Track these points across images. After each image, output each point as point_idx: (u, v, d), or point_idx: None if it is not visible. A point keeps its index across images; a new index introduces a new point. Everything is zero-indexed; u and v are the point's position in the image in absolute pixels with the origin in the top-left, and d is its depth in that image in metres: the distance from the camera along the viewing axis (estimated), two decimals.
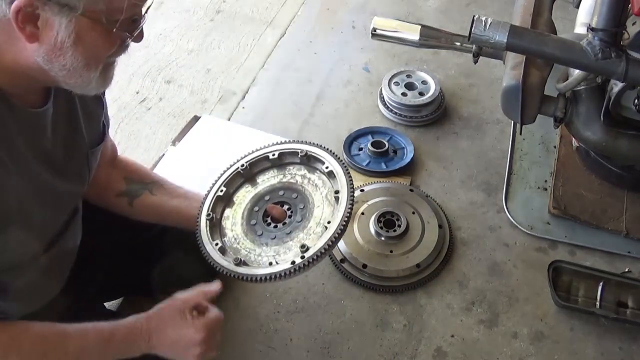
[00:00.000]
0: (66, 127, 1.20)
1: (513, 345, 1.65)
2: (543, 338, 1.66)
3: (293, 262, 1.31)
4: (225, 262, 1.36)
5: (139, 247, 1.53)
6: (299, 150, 1.51)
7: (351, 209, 1.38)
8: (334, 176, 1.45)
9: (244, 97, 2.35)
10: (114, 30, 1.01)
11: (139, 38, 1.08)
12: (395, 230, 1.81)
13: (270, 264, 1.35)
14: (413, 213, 1.86)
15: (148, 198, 1.49)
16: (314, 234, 1.39)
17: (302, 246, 1.33)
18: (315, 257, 1.32)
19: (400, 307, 1.73)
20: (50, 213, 1.20)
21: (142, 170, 1.57)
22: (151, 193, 1.50)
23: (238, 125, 2.16)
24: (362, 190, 1.91)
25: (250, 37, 2.62)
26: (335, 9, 2.72)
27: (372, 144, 2.07)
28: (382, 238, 1.80)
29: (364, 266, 1.74)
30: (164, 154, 2.00)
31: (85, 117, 1.24)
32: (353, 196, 1.40)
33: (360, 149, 2.10)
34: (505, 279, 1.79)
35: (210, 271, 1.36)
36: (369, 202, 1.88)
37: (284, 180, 1.51)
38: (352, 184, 1.42)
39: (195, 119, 2.13)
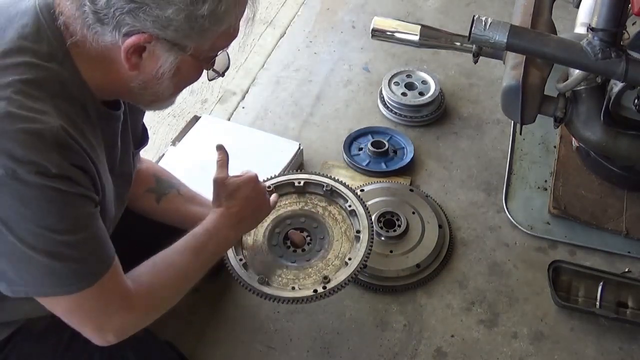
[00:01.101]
0: (122, 129, 1.21)
1: (513, 345, 1.65)
2: (543, 338, 1.66)
3: (315, 291, 1.44)
4: (248, 279, 1.45)
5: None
6: (325, 184, 1.61)
7: (371, 249, 1.51)
8: (355, 215, 1.58)
9: (243, 97, 2.35)
10: (209, 68, 1.08)
11: (225, 70, 1.15)
12: (395, 230, 1.81)
13: (293, 288, 1.46)
14: (413, 213, 1.86)
15: (175, 198, 1.51)
16: (333, 266, 1.52)
17: (325, 277, 1.47)
18: (336, 289, 1.45)
19: (400, 307, 1.73)
20: (111, 222, 1.20)
21: (168, 171, 1.59)
22: (179, 193, 1.52)
23: (238, 125, 2.16)
24: (362, 190, 1.90)
25: (250, 37, 2.62)
26: (335, 9, 2.72)
27: (372, 144, 2.07)
28: (382, 238, 1.80)
29: (364, 266, 1.74)
30: (164, 154, 2.00)
31: (130, 119, 1.25)
32: (373, 238, 1.54)
33: (360, 149, 2.10)
34: (505, 279, 1.79)
35: (213, 270, 1.37)
36: (369, 202, 1.87)
37: (306, 208, 1.62)
38: (372, 226, 1.56)
39: (195, 119, 2.13)
